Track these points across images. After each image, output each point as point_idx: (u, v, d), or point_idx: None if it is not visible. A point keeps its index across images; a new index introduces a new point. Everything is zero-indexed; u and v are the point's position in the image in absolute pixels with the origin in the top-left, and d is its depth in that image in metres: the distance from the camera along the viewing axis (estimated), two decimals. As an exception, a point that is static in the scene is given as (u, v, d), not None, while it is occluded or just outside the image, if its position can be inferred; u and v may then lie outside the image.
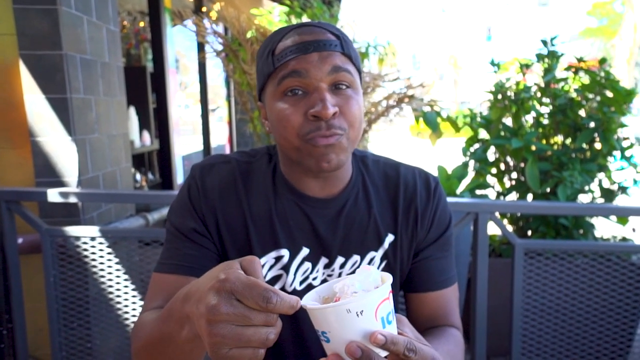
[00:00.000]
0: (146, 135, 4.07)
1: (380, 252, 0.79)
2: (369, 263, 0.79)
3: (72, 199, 1.57)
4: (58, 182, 1.79)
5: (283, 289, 0.77)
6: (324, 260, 0.78)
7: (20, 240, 1.71)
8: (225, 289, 0.44)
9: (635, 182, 2.25)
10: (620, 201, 2.24)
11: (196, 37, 4.58)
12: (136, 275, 1.75)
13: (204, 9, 4.89)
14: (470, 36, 31.18)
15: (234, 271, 0.46)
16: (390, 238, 0.79)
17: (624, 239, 2.28)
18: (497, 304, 1.79)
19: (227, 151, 6.35)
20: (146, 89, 4.06)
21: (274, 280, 0.77)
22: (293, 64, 0.67)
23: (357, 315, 0.47)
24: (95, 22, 1.96)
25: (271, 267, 0.77)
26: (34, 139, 1.76)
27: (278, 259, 0.77)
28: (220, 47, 2.32)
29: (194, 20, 2.22)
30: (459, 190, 2.28)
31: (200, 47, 4.89)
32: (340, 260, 0.78)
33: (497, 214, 1.58)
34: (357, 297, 0.48)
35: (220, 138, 5.93)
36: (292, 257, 0.77)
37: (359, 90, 0.71)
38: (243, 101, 2.31)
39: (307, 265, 0.77)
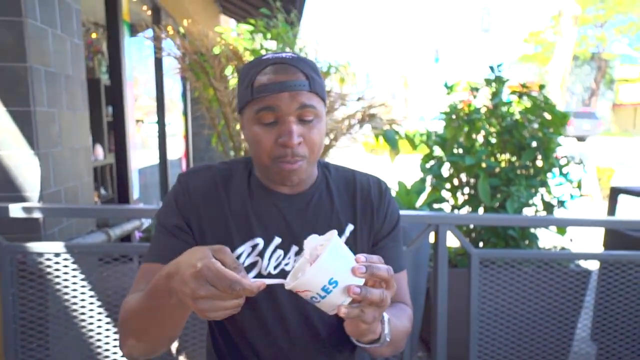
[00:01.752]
0: (99, 149, 3.94)
1: (343, 239, 0.92)
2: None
3: (37, 214, 1.53)
4: (17, 197, 1.73)
5: (259, 273, 0.89)
6: (294, 248, 0.90)
7: (-26, 258, 1.62)
8: (202, 277, 0.59)
9: (572, 196, 2.49)
10: (559, 214, 2.46)
11: (154, 52, 4.50)
12: (101, 291, 1.71)
13: (170, 29, 4.87)
14: (419, 58, 32.66)
15: (208, 261, 0.59)
16: (350, 227, 0.93)
17: (563, 248, 2.50)
18: (454, 312, 1.91)
19: (184, 165, 6.24)
20: (100, 101, 3.95)
21: (251, 266, 0.89)
22: (267, 100, 0.81)
23: (333, 256, 0.61)
24: (60, 35, 1.93)
25: (249, 254, 0.89)
26: (-7, 152, 1.69)
27: (254, 247, 0.89)
28: (180, 62, 2.33)
29: (159, 34, 2.24)
30: (417, 204, 2.41)
31: (157, 61, 4.86)
32: None
33: (461, 228, 1.71)
34: (325, 246, 0.63)
35: (177, 152, 5.84)
36: (265, 245, 0.89)
37: (322, 118, 0.86)
38: (211, 117, 2.33)
39: (280, 252, 0.90)
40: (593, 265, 2.24)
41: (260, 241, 0.89)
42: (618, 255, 1.85)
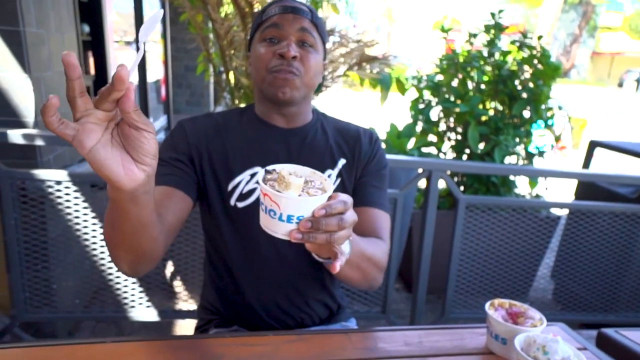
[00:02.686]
0: (77, 70, 3.75)
1: (336, 170, 0.99)
2: (327, 178, 0.96)
3: (38, 142, 1.51)
4: (12, 122, 1.69)
5: (258, 198, 0.91)
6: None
7: (-29, 182, 1.61)
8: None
9: (551, 146, 2.62)
10: (540, 164, 2.60)
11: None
12: (95, 216, 1.75)
13: None
14: (407, -11, 31.20)
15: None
16: (342, 161, 0.99)
17: (537, 196, 2.68)
18: (435, 249, 2.07)
19: (163, 90, 6.03)
20: (75, 19, 3.69)
21: (249, 193, 0.95)
22: (274, 19, 0.91)
23: (316, 202, 0.62)
24: (45, -55, 1.78)
25: (247, 182, 0.94)
26: (-18, 73, 1.62)
27: (252, 175, 0.95)
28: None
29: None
30: (408, 147, 2.48)
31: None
32: None
33: (447, 173, 1.80)
34: (318, 195, 0.64)
35: (155, 76, 5.61)
36: None
37: (319, 52, 0.94)
38: (206, 49, 2.25)
39: None
40: (563, 212, 2.42)
41: (259, 169, 0.94)
42: (590, 206, 2.00)
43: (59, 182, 1.61)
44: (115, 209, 0.66)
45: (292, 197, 0.61)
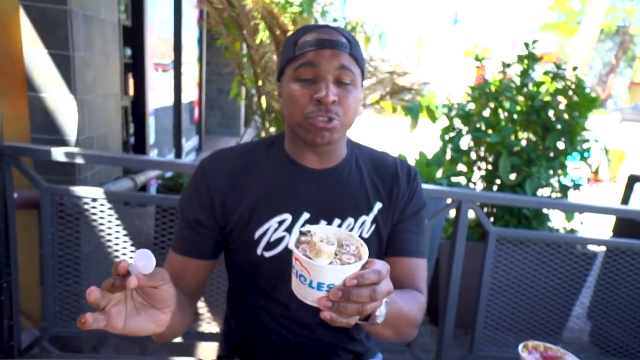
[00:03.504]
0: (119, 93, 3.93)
1: (371, 216, 0.92)
2: (361, 225, 0.92)
3: (78, 160, 1.57)
4: (56, 140, 1.77)
5: (286, 248, 0.88)
6: (323, 223, 0.90)
7: (15, 195, 1.69)
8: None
9: (587, 180, 2.53)
10: (576, 198, 2.51)
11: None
12: (130, 234, 1.79)
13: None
14: (437, 18, 31.50)
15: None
16: (378, 205, 0.92)
17: (572, 231, 2.57)
18: (463, 281, 2.01)
19: (196, 112, 6.22)
20: (118, 43, 3.89)
21: (277, 242, 0.88)
22: (309, 55, 0.82)
23: (349, 271, 0.60)
24: (96, -23, 1.90)
25: (275, 230, 0.88)
26: (32, 93, 1.72)
27: (281, 222, 0.88)
28: (214, 15, 2.29)
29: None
30: (437, 176, 2.45)
31: (177, 5, 4.72)
32: (336, 222, 0.91)
33: (477, 204, 1.76)
34: (352, 263, 0.61)
35: (190, 97, 5.80)
36: (294, 221, 0.88)
37: (358, 87, 0.86)
38: (241, 73, 2.32)
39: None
40: (599, 249, 2.31)
41: (288, 216, 0.88)
42: (630, 244, 1.91)
43: (94, 199, 1.66)
44: None
45: (322, 265, 0.59)
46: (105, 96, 2.06)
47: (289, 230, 0.88)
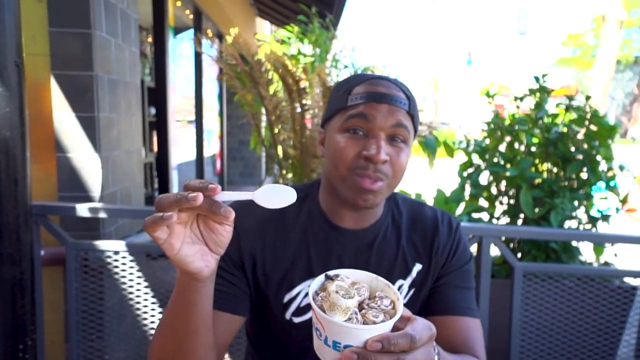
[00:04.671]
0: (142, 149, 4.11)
1: (409, 280, 0.85)
2: (398, 289, 0.84)
3: (101, 214, 1.63)
4: (81, 196, 1.85)
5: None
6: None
7: (42, 253, 1.75)
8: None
9: (617, 210, 2.44)
10: (604, 229, 2.42)
11: (194, 54, 4.62)
12: (152, 286, 1.81)
13: (209, 32, 5.00)
14: (451, 60, 32.17)
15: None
16: (418, 267, 0.85)
17: (606, 264, 2.45)
18: (492, 322, 1.91)
19: (218, 164, 6.40)
20: (143, 103, 4.11)
21: (308, 307, 0.82)
22: (363, 108, 0.75)
23: (370, 333, 0.50)
24: (120, 44, 2.05)
25: (306, 294, 0.82)
26: (60, 154, 1.82)
27: None
28: (227, 70, 2.42)
29: (200, 38, 2.32)
30: (457, 213, 2.41)
31: (197, 64, 5.01)
32: None
33: (500, 238, 1.72)
34: (373, 326, 0.52)
35: (212, 151, 6.00)
36: None
37: (410, 146, 0.80)
38: (256, 123, 2.41)
39: None
40: (638, 282, 2.18)
41: None
42: (668, 274, 1.80)
43: (116, 252, 1.71)
44: (179, 304, 0.64)
45: (335, 322, 0.50)
46: (128, 152, 2.16)
47: None
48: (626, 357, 2.24)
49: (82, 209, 1.62)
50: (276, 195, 0.58)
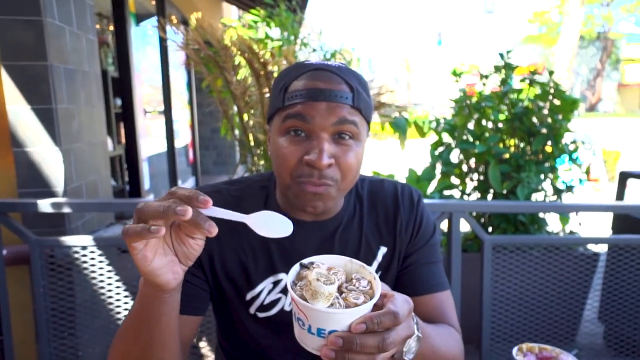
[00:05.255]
0: (108, 141, 3.99)
1: (375, 264, 0.83)
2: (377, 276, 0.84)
3: (65, 209, 1.58)
4: (43, 192, 1.78)
5: (282, 310, 0.80)
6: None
7: (4, 252, 1.69)
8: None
9: (580, 181, 2.52)
10: (568, 199, 2.50)
11: (159, 42, 4.49)
12: (121, 280, 1.77)
13: (173, 18, 4.85)
14: (422, 41, 32.32)
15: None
16: (382, 250, 0.83)
17: (571, 233, 2.55)
18: (464, 295, 1.97)
19: (191, 153, 6.29)
20: (107, 94, 3.98)
21: (272, 304, 0.80)
22: (300, 108, 0.68)
23: (352, 316, 0.51)
24: (76, 32, 1.96)
25: (270, 291, 0.79)
26: (17, 149, 1.74)
27: (276, 283, 0.79)
28: (193, 56, 2.35)
29: (164, 24, 2.25)
30: (428, 191, 2.45)
31: (163, 51, 4.86)
32: None
33: (470, 214, 1.75)
34: (355, 308, 0.52)
35: (183, 141, 5.88)
36: None
37: (362, 141, 0.73)
38: (224, 109, 2.36)
39: None
40: (601, 249, 2.28)
41: (283, 276, 0.79)
42: (628, 239, 1.89)
43: (84, 247, 1.66)
44: (144, 314, 0.62)
45: (319, 309, 0.50)
46: (91, 144, 2.09)
47: (284, 292, 0.79)
48: (590, 319, 2.35)
49: (45, 205, 1.56)
50: (272, 224, 0.57)
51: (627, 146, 11.16)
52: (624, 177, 2.47)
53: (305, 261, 0.57)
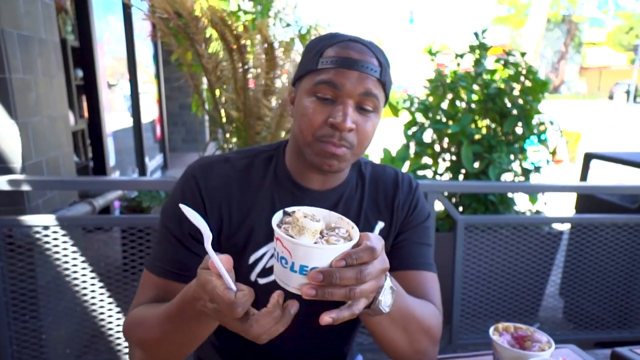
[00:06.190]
0: (69, 115, 3.78)
1: None
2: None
3: (24, 187, 1.48)
4: (-1, 168, 1.67)
5: None
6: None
7: (-43, 232, 1.58)
8: (213, 312, 0.58)
9: (547, 162, 2.60)
10: (536, 179, 2.57)
11: (123, 12, 4.25)
12: (91, 260, 1.70)
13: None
14: (394, 19, 32.17)
15: (211, 295, 0.56)
16: (380, 225, 0.87)
17: (538, 212, 2.63)
18: (439, 273, 2.01)
19: (159, 129, 6.07)
20: (67, 64, 3.75)
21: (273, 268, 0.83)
22: (333, 74, 0.73)
23: (334, 252, 0.55)
24: (30, -5, 1.81)
25: (272, 255, 0.81)
26: (-32, 122, 1.61)
27: None
28: (161, 26, 2.23)
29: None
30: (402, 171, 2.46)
31: (127, 21, 4.61)
32: None
33: (444, 194, 1.77)
34: (335, 243, 0.56)
35: (150, 116, 5.66)
36: None
37: (380, 113, 0.79)
38: (195, 84, 2.26)
39: None
40: (565, 227, 2.37)
41: None
42: (591, 218, 1.96)
43: (46, 227, 1.57)
44: (185, 331, 0.67)
45: (305, 244, 0.53)
46: (52, 118, 1.96)
47: None
48: (552, 295, 2.47)
49: (1, 182, 1.46)
50: None
51: (588, 128, 11.63)
52: (588, 158, 2.56)
53: (288, 209, 0.60)
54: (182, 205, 0.57)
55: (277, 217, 0.59)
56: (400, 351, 0.76)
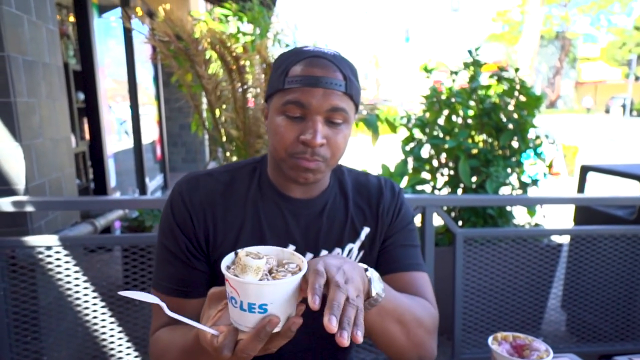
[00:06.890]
0: (71, 137, 3.82)
1: (358, 243, 0.89)
2: (348, 254, 0.89)
3: (28, 208, 1.50)
4: (2, 190, 1.69)
5: None
6: (309, 255, 0.86)
7: (-39, 254, 1.59)
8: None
9: (544, 175, 2.62)
10: (534, 192, 2.59)
11: (124, 33, 4.34)
12: (92, 280, 1.71)
13: (139, 10, 4.69)
14: (390, 37, 32.69)
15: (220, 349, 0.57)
16: (366, 230, 0.89)
17: (537, 225, 2.64)
18: (438, 289, 2.01)
19: (159, 150, 6.12)
20: (69, 88, 3.81)
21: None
22: (299, 93, 0.76)
23: (285, 287, 0.56)
24: (35, 22, 1.86)
25: None
26: (-27, 145, 1.64)
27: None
28: (162, 49, 2.28)
29: (128, 16, 2.18)
30: (401, 186, 2.48)
31: (128, 45, 4.70)
32: (323, 253, 0.88)
33: (443, 208, 1.79)
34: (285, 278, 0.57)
35: (151, 137, 5.71)
36: None
37: (350, 123, 0.81)
38: (195, 104, 2.31)
39: None
40: (564, 240, 2.38)
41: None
42: (589, 230, 1.98)
43: (49, 248, 1.59)
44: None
45: (248, 281, 0.54)
46: (54, 140, 2.00)
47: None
48: (554, 308, 2.46)
49: (5, 204, 1.48)
50: None
51: (585, 141, 11.70)
52: (584, 170, 2.59)
53: (239, 250, 0.60)
54: (123, 293, 0.57)
55: (229, 258, 0.60)
56: (400, 346, 0.77)
